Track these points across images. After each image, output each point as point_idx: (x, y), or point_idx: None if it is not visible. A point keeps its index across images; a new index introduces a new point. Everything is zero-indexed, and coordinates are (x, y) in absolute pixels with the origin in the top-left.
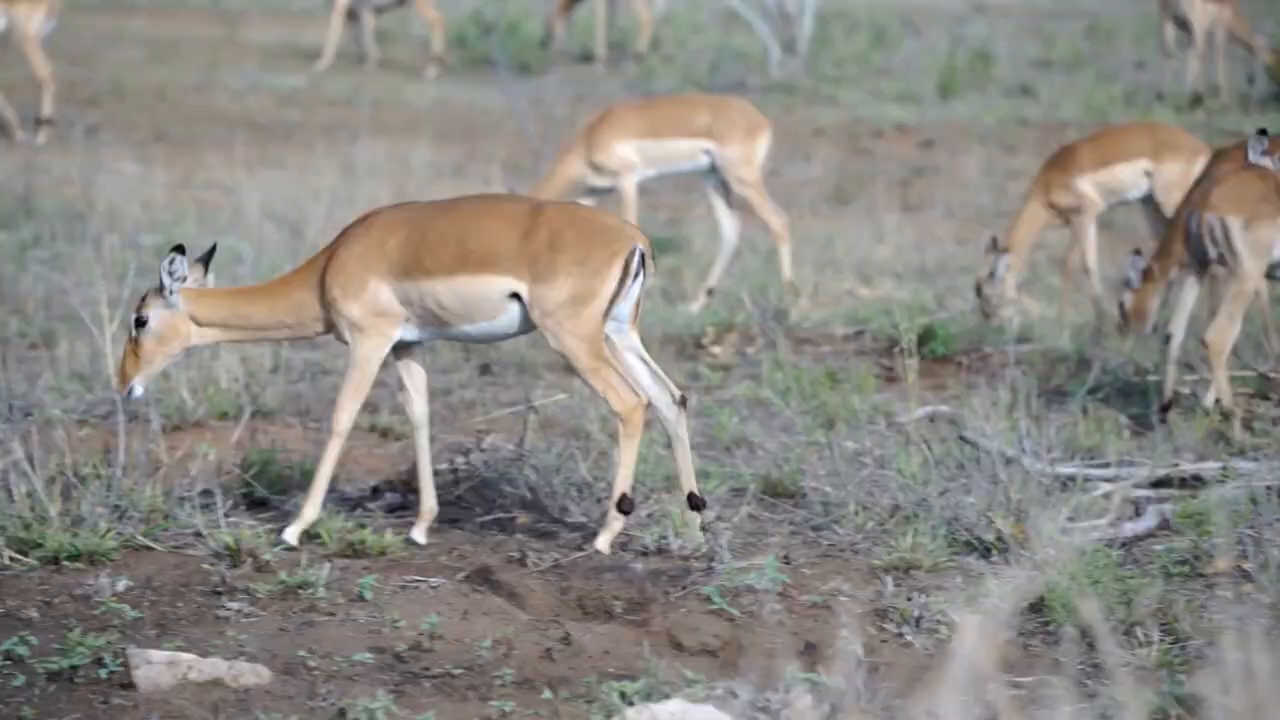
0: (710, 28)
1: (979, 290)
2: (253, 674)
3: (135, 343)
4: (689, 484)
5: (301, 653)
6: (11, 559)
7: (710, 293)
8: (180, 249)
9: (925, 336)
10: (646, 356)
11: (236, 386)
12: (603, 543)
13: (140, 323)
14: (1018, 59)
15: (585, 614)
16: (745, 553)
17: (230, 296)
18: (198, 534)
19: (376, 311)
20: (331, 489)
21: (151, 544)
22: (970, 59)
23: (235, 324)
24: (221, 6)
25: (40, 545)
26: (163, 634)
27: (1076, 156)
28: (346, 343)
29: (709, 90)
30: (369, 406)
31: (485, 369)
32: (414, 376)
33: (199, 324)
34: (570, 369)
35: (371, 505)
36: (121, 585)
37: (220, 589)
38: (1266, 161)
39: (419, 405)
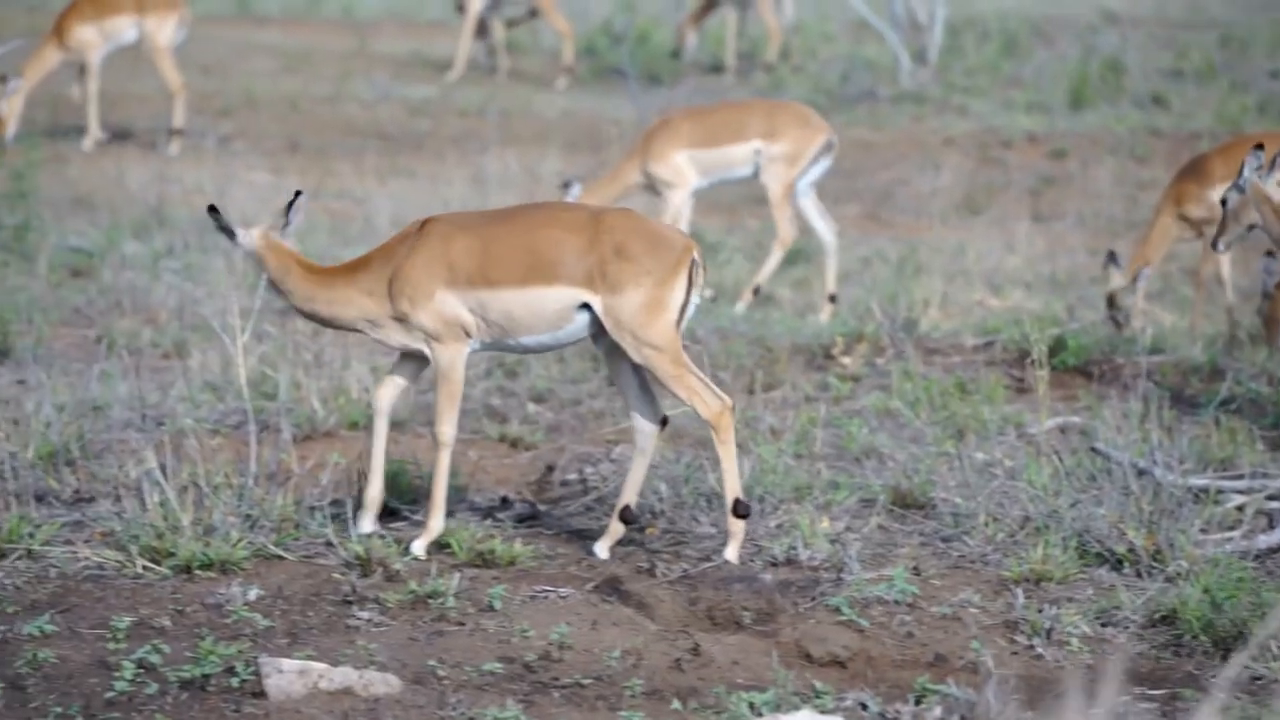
0: (841, 37)
1: (1110, 303)
2: (383, 683)
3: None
4: (631, 498)
5: (431, 662)
6: (145, 568)
7: (833, 299)
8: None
9: (1056, 347)
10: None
11: (367, 396)
12: (731, 553)
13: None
14: (1149, 69)
15: (714, 624)
16: (874, 564)
17: (322, 273)
18: (328, 543)
19: (446, 319)
20: (460, 499)
21: (283, 553)
22: (1102, 68)
23: (322, 296)
24: (353, 17)
25: (173, 554)
26: (294, 643)
27: (1208, 167)
28: (376, 337)
29: (839, 100)
30: (498, 417)
31: (612, 380)
32: (402, 376)
33: (294, 277)
34: (644, 377)
35: (501, 515)
36: (253, 594)
37: (351, 598)
38: (1272, 181)
39: (388, 394)
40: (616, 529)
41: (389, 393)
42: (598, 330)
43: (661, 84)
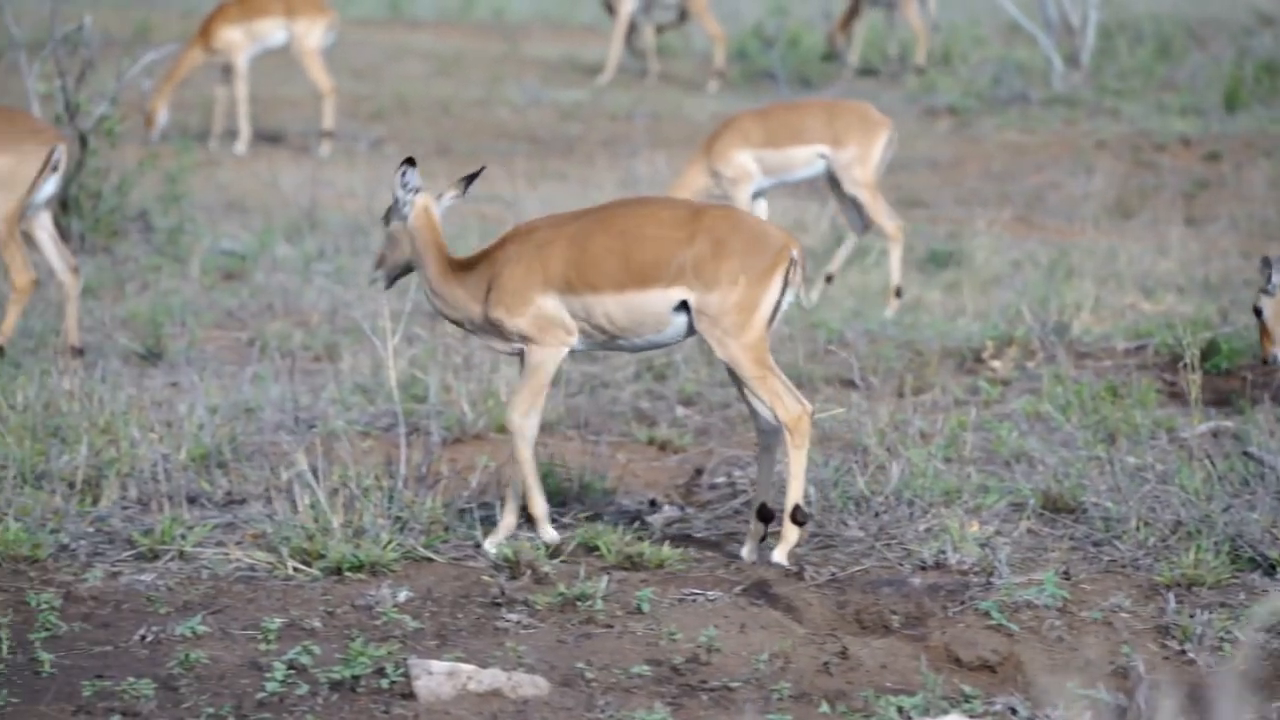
0: (992, 40)
1: (1258, 313)
2: (531, 685)
3: (391, 238)
4: (766, 495)
5: (579, 664)
6: (295, 569)
7: (829, 279)
8: (412, 160)
9: (1209, 351)
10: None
11: None
12: (780, 555)
13: (387, 219)
14: None
15: (863, 628)
16: (1024, 568)
17: (437, 237)
18: (477, 546)
19: (543, 325)
20: (608, 501)
21: (432, 555)
22: (1256, 70)
23: (421, 261)
24: (505, 21)
25: (323, 556)
26: (443, 645)
27: None
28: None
29: (990, 102)
30: (646, 420)
31: None
32: None
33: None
34: (734, 377)
35: (649, 518)
36: (402, 596)
37: (499, 600)
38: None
39: None
40: (757, 527)
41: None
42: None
43: (812, 87)
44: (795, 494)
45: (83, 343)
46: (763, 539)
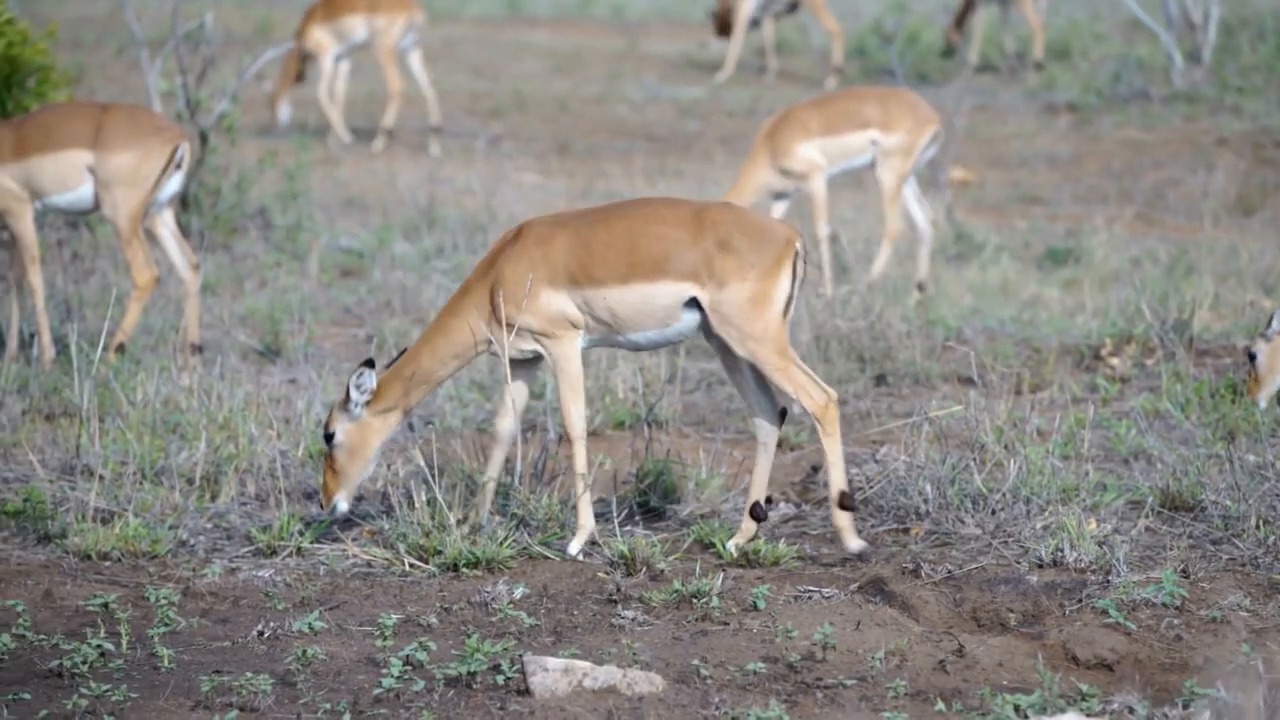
0: (1113, 36)
1: (1251, 357)
2: (646, 682)
3: (329, 458)
4: (759, 494)
5: (695, 661)
6: (412, 565)
7: (920, 287)
8: (370, 363)
9: None
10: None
11: (633, 396)
12: (853, 543)
13: (328, 439)
14: None
15: (979, 626)
16: (1142, 566)
17: (394, 375)
18: (593, 542)
19: (552, 318)
20: (724, 499)
21: (548, 552)
22: None
23: (413, 389)
24: (623, 18)
25: (440, 552)
26: (558, 641)
27: None
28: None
29: (1110, 99)
30: None
31: (881, 379)
32: (518, 394)
33: (382, 414)
34: (759, 371)
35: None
36: (518, 593)
37: (615, 597)
38: None
39: (509, 422)
40: (748, 528)
41: (510, 422)
42: (707, 326)
43: (931, 84)
44: (838, 481)
45: (202, 340)
46: (752, 538)
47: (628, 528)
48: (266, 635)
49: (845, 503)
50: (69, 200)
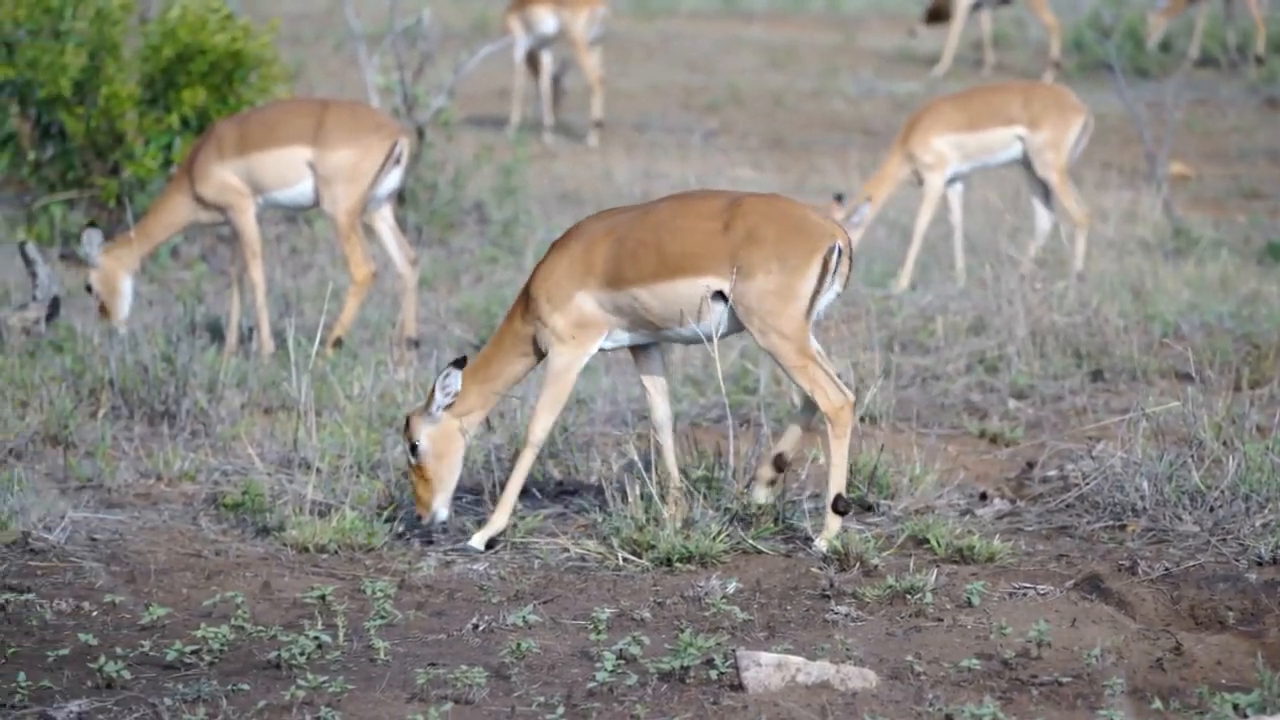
0: None
1: None
2: (860, 678)
3: (418, 468)
4: (772, 463)
5: (908, 657)
6: (625, 560)
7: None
8: (458, 364)
9: None
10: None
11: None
12: (821, 544)
13: (413, 448)
14: None
15: (1197, 624)
16: None
17: (469, 377)
18: (807, 538)
19: (580, 323)
20: (939, 494)
21: (761, 547)
22: None
23: (487, 391)
24: (840, 12)
25: (653, 547)
26: (771, 636)
27: None
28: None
29: None
30: (977, 413)
31: (1097, 375)
32: (654, 380)
33: (461, 417)
34: (778, 365)
35: (979, 511)
36: (731, 587)
37: (828, 593)
38: None
39: (661, 408)
40: (834, 526)
41: (662, 408)
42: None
43: (1150, 78)
44: (837, 483)
45: (419, 334)
46: (771, 482)
47: (842, 523)
48: (481, 628)
49: (839, 506)
50: (289, 196)
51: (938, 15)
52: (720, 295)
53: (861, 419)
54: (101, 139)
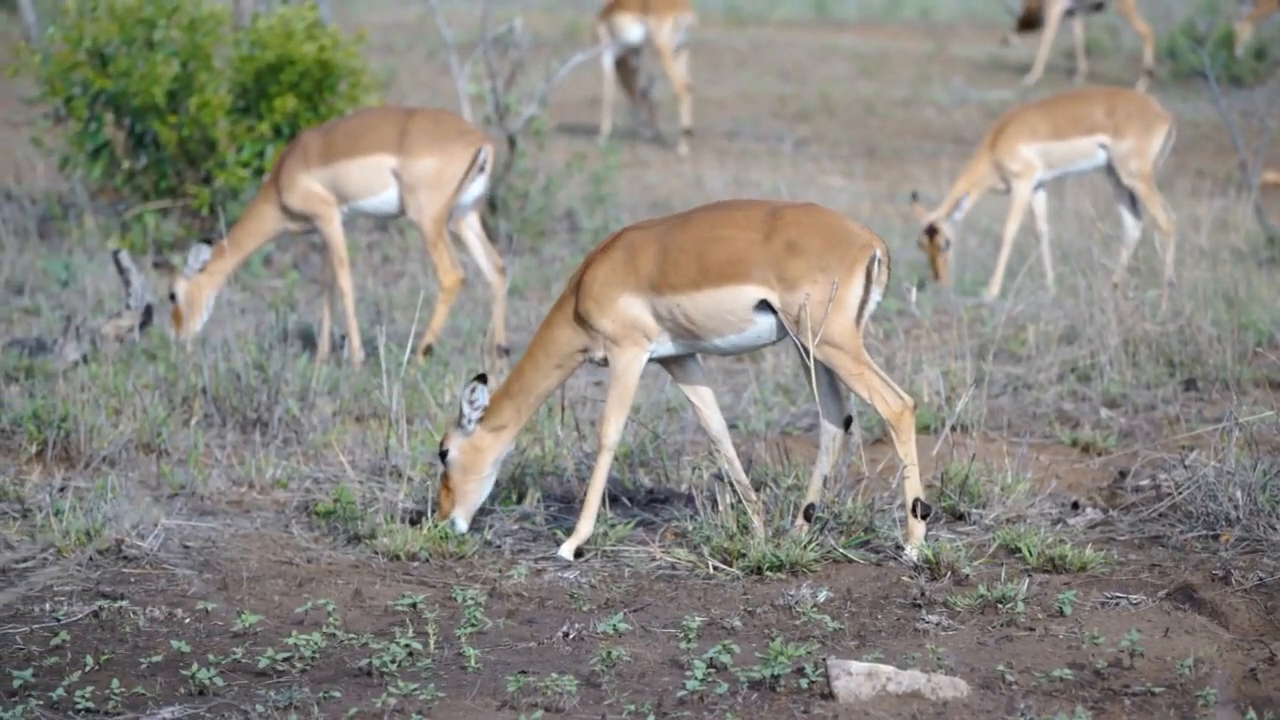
0: None
1: None
2: (951, 687)
3: (444, 476)
4: (814, 497)
5: (1000, 667)
6: (716, 568)
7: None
8: (482, 378)
9: None
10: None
11: (938, 400)
12: (911, 551)
13: (443, 456)
14: None
15: None
16: None
17: (503, 391)
18: (898, 547)
19: (628, 324)
20: (1031, 504)
21: (852, 556)
22: None
23: (523, 406)
24: (931, 20)
25: (744, 555)
26: (862, 645)
27: None
28: (603, 363)
29: None
30: (1069, 422)
31: (1190, 384)
32: (698, 391)
33: (495, 431)
34: (835, 375)
35: (1072, 520)
36: (822, 596)
37: (919, 601)
38: None
39: (715, 419)
40: (800, 524)
41: (714, 419)
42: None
43: (1243, 85)
44: (912, 488)
45: (509, 342)
46: (807, 544)
47: (932, 531)
48: (572, 636)
49: (919, 511)
50: (374, 204)
51: (1030, 23)
52: (763, 305)
53: (953, 428)
54: (194, 147)
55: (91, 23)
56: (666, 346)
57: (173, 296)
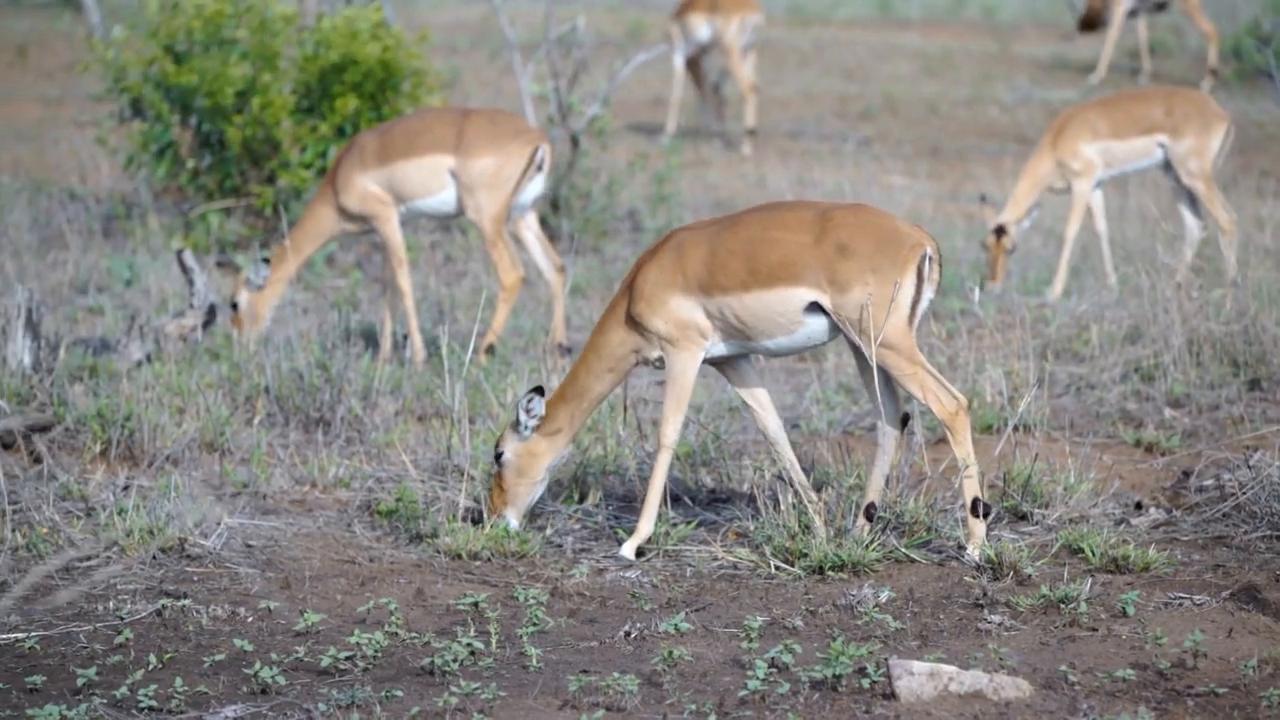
0: None
1: None
2: (1013, 687)
3: (498, 476)
4: (875, 496)
5: (1062, 667)
6: (778, 568)
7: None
8: (539, 390)
9: None
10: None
11: (1000, 400)
12: (973, 552)
13: (498, 458)
14: None
15: None
16: None
17: (558, 397)
18: (960, 547)
19: (681, 324)
20: (1094, 504)
21: (914, 556)
22: None
23: (577, 411)
24: (995, 20)
25: (805, 555)
26: (924, 645)
27: None
28: (658, 364)
29: None
30: (1133, 422)
31: (1254, 384)
32: (753, 393)
33: (550, 436)
34: (888, 375)
35: (1135, 520)
36: (884, 596)
37: (981, 602)
38: None
39: (771, 420)
40: (861, 524)
41: (771, 420)
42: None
43: None
44: (971, 488)
45: (570, 341)
46: (870, 544)
47: (995, 532)
48: (633, 635)
49: (977, 510)
50: (432, 204)
51: (1092, 23)
52: (814, 306)
53: (1016, 428)
54: (257, 147)
55: (172, 19)
56: (719, 348)
57: (234, 306)
